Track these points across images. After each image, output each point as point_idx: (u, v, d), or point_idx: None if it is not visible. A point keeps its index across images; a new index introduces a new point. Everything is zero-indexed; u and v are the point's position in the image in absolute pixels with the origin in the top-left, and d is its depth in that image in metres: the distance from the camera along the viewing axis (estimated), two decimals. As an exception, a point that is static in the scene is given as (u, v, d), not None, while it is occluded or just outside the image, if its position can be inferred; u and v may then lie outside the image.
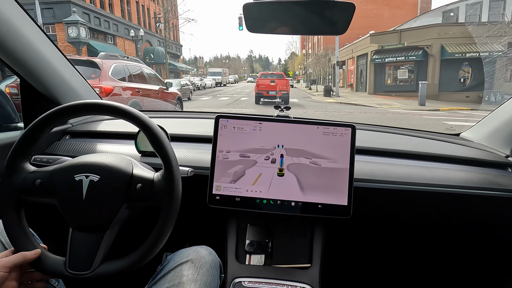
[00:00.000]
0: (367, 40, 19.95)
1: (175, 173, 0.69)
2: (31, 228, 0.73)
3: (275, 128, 0.95)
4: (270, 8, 0.79)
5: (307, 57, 40.04)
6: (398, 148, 1.15)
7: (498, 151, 1.17)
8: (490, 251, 1.25)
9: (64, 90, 1.17)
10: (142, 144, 1.06)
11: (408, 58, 18.00)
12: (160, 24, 27.45)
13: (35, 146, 0.72)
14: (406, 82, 18.87)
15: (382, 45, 18.93)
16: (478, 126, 1.33)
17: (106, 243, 0.68)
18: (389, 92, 18.51)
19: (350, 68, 25.03)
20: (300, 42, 58.72)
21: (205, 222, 1.25)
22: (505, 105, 1.19)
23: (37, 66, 1.04)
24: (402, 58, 18.21)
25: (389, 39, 18.88)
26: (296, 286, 0.89)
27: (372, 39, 19.43)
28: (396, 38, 18.65)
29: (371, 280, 1.39)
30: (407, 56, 18.03)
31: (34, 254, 0.66)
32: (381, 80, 19.78)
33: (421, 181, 1.02)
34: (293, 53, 66.61)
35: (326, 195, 0.92)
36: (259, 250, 0.99)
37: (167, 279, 0.75)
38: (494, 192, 1.01)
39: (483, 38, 14.35)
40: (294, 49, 68.40)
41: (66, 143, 1.15)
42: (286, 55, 67.79)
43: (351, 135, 0.93)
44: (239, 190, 0.93)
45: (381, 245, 1.31)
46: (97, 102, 0.72)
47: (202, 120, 1.42)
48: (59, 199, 0.69)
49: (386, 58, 18.81)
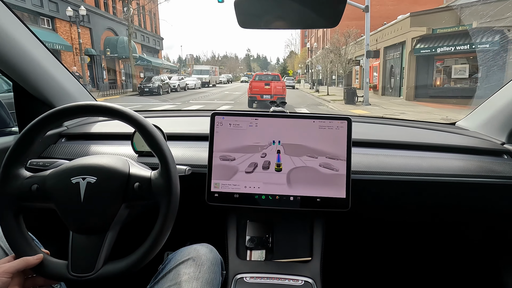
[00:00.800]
0: (406, 23, 13.87)
1: (172, 171, 0.69)
2: (32, 233, 0.73)
3: (271, 124, 0.95)
4: (261, 2, 0.80)
5: (311, 53, 34.02)
6: (394, 139, 1.16)
7: (494, 139, 1.19)
8: (488, 237, 1.28)
9: (58, 92, 1.16)
10: (138, 144, 1.05)
11: (472, 46, 11.93)
12: (128, 9, 21.10)
13: (30, 150, 0.71)
14: (465, 84, 12.80)
15: (433, 29, 12.81)
16: (473, 114, 1.34)
17: (107, 244, 0.68)
18: (438, 98, 12.48)
19: (373, 64, 18.74)
20: (300, 39, 54.23)
21: (205, 220, 1.27)
22: (499, 93, 1.19)
23: (29, 69, 1.03)
24: (464, 47, 12.15)
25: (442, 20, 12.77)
26: (297, 279, 0.90)
27: (414, 21, 13.35)
28: (453, 18, 12.56)
29: (372, 271, 1.41)
30: (471, 45, 11.95)
31: (37, 259, 0.66)
32: (427, 80, 13.69)
33: (418, 171, 1.02)
34: (292, 51, 61.40)
35: (324, 188, 0.92)
36: (259, 245, 1.00)
37: (168, 278, 0.76)
38: (490, 179, 1.02)
39: None
40: (293, 47, 63.64)
41: (62, 146, 1.15)
42: (285, 53, 62.98)
43: (347, 128, 0.93)
44: (237, 187, 0.94)
45: (380, 236, 1.34)
46: (92, 104, 0.72)
47: (198, 118, 1.44)
48: (57, 203, 0.69)
49: (438, 48, 12.73)
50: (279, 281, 0.90)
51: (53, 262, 0.67)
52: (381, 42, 16.85)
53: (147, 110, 2.48)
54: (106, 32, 21.59)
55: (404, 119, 1.46)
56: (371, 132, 1.22)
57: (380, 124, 1.38)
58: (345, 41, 16.69)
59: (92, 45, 19.81)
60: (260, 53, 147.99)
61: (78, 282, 0.66)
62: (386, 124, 1.37)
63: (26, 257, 0.65)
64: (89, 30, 19.67)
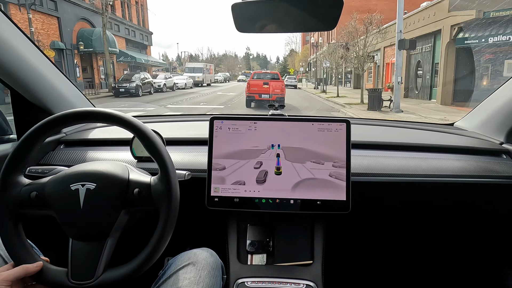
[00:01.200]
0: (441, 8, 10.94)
1: (172, 176, 0.69)
2: (31, 240, 0.73)
3: (270, 127, 0.95)
4: (259, 7, 0.80)
5: (316, 49, 31.05)
6: (393, 141, 1.17)
7: (492, 139, 1.19)
8: (488, 237, 1.28)
9: (56, 99, 1.17)
10: (137, 149, 1.05)
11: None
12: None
13: (29, 157, 0.71)
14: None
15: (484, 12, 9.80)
16: (471, 114, 1.35)
17: (107, 251, 0.68)
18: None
19: (391, 60, 15.66)
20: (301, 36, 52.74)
21: (205, 224, 1.27)
22: (497, 93, 1.19)
23: (27, 76, 1.03)
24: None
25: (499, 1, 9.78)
26: (299, 283, 0.90)
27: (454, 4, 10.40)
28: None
29: (374, 274, 1.41)
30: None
31: (36, 267, 0.66)
32: (469, 80, 10.76)
33: (418, 172, 1.03)
34: (292, 50, 58.82)
35: (325, 191, 0.92)
36: (260, 249, 1.00)
37: (169, 283, 0.75)
38: (489, 179, 1.03)
39: None
40: (294, 45, 61.31)
41: (61, 152, 1.15)
42: (285, 52, 60.25)
43: (346, 130, 0.93)
44: (237, 191, 0.94)
45: (381, 237, 1.34)
46: (90, 110, 0.72)
47: (197, 122, 1.44)
48: (57, 210, 0.69)
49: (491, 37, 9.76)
50: (281, 285, 0.90)
51: (52, 270, 0.67)
52: (405, 33, 13.89)
53: (146, 116, 2.70)
54: (80, 23, 18.45)
55: (403, 121, 1.51)
56: (370, 134, 1.24)
57: (379, 125, 1.40)
58: (365, 29, 13.28)
59: (60, 38, 16.66)
60: (260, 52, 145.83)
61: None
62: (385, 125, 1.40)
63: (26, 264, 0.65)
64: (57, 20, 16.53)
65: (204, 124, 1.13)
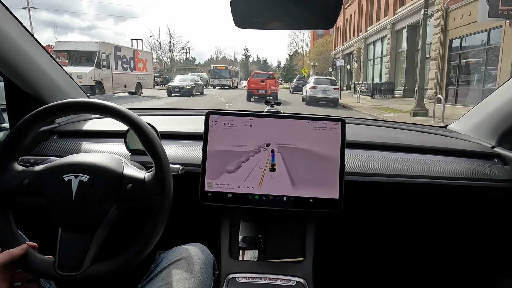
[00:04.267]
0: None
1: (166, 172, 0.69)
2: (19, 229, 0.72)
3: (265, 124, 0.95)
4: (257, 2, 0.81)
5: (348, 36, 25.09)
6: (387, 142, 1.17)
7: (484, 142, 1.21)
8: (479, 239, 1.30)
9: (50, 89, 1.15)
10: (132, 142, 1.04)
11: None
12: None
13: (22, 146, 0.71)
14: None
15: None
16: (465, 118, 1.36)
17: (96, 244, 0.68)
18: None
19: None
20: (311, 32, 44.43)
21: (197, 220, 1.26)
22: (490, 97, 1.21)
23: (21, 65, 1.02)
24: None
25: None
26: (289, 280, 0.91)
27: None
28: None
29: (364, 272, 1.42)
30: None
31: (21, 250, 0.65)
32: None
33: (411, 173, 1.04)
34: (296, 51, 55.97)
35: (318, 189, 0.93)
36: (252, 245, 1.00)
37: (160, 278, 0.75)
38: (481, 182, 1.05)
39: None
40: (300, 43, 56.91)
41: (54, 143, 1.13)
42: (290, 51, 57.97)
43: (341, 129, 0.94)
44: (231, 187, 0.94)
45: (372, 237, 1.35)
46: (85, 101, 0.72)
47: (192, 117, 1.43)
48: (48, 200, 0.68)
49: None
50: (271, 281, 0.90)
51: (39, 259, 0.67)
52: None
53: (141, 108, 2.56)
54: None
55: (398, 122, 1.48)
56: (364, 134, 1.24)
57: (373, 126, 1.39)
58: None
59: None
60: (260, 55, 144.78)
61: (65, 281, 0.66)
62: (379, 126, 1.39)
63: (10, 249, 0.64)
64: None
65: (199, 118, 1.13)
